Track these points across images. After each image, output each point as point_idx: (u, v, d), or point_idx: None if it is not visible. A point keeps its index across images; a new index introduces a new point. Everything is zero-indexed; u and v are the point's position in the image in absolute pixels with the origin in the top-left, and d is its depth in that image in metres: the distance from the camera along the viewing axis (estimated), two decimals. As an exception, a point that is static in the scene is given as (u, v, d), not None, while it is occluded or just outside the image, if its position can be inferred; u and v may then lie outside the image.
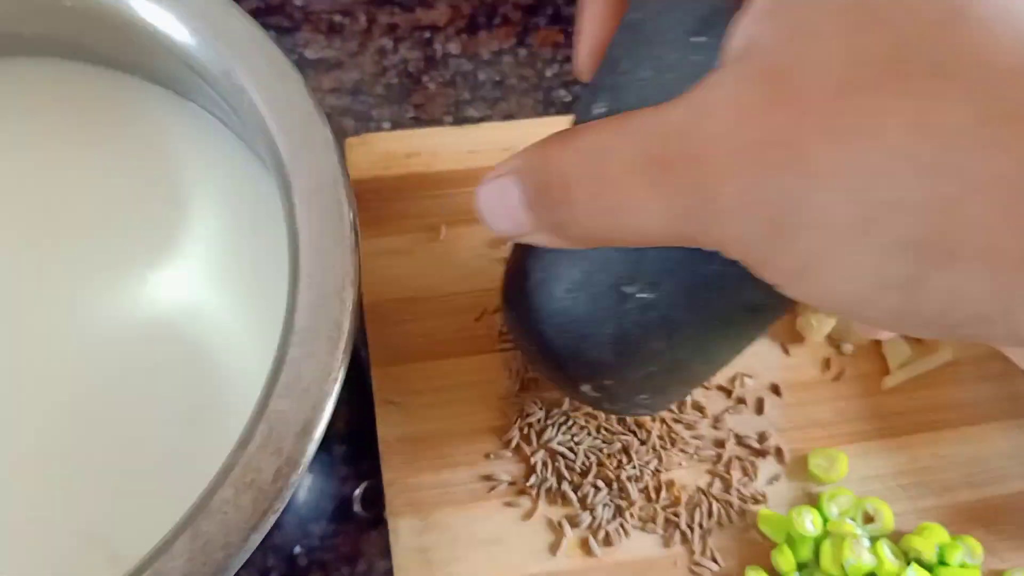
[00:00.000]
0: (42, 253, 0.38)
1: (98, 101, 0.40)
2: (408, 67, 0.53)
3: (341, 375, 0.30)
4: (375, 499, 0.41)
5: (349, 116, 0.50)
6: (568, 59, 0.53)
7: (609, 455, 0.41)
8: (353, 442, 0.43)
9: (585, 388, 0.34)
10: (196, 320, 0.37)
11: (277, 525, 0.28)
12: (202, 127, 0.40)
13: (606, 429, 0.42)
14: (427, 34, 0.53)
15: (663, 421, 0.42)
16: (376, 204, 0.46)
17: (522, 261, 0.34)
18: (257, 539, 0.28)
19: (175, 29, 0.34)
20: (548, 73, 0.53)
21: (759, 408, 0.43)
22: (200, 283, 0.38)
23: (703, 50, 0.25)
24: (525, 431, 0.41)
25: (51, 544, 0.34)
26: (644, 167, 0.21)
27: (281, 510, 0.28)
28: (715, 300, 0.29)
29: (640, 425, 0.42)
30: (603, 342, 0.32)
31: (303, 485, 0.42)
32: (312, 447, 0.29)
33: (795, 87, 0.18)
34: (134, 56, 0.39)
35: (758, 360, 0.44)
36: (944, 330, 0.19)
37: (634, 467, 0.41)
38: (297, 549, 0.41)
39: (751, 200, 0.19)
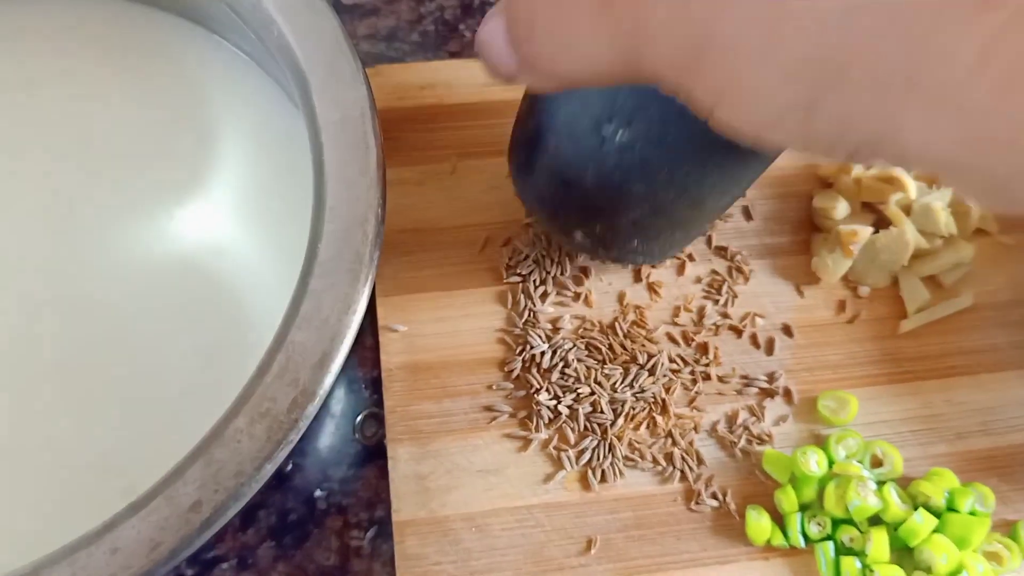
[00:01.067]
0: (73, 184, 0.38)
1: (130, 37, 0.40)
2: (444, 15, 0.52)
3: (362, 307, 0.30)
4: (377, 429, 0.41)
5: (384, 63, 0.50)
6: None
7: (612, 389, 0.41)
8: (358, 374, 0.43)
9: (578, 235, 0.37)
10: (220, 257, 0.37)
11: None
12: (232, 64, 0.40)
13: (610, 363, 0.41)
14: (462, -21, 0.53)
15: (670, 358, 0.42)
16: (390, 135, 0.45)
17: (522, 117, 0.36)
18: (270, 469, 0.27)
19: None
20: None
21: (769, 348, 0.42)
22: (225, 220, 0.38)
23: None
24: (527, 363, 0.41)
25: (67, 472, 0.34)
26: (593, 3, 0.21)
27: (295, 441, 0.28)
28: (686, 135, 0.30)
29: (648, 359, 0.41)
30: (587, 185, 0.34)
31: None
32: (329, 379, 0.28)
33: None
34: None
35: (770, 300, 0.43)
36: (844, 154, 0.20)
37: (637, 400, 0.40)
38: (289, 466, 0.41)
39: (673, 24, 0.20)
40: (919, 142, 0.18)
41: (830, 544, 0.38)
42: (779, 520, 0.39)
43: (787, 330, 0.43)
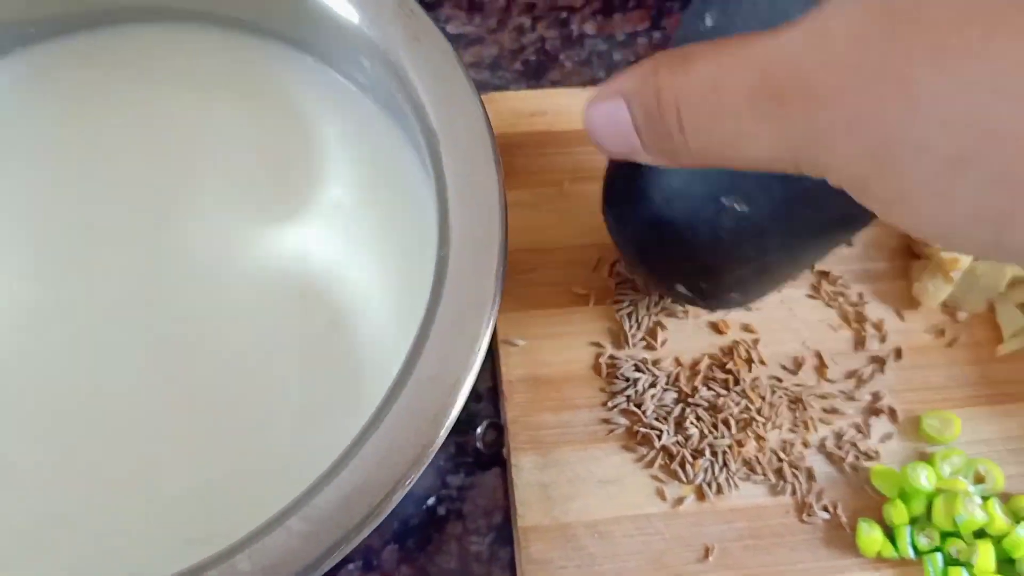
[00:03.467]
0: (193, 202, 0.40)
1: (248, 65, 0.42)
2: (545, 45, 0.54)
3: (486, 342, 0.31)
4: (496, 438, 0.43)
5: (488, 90, 0.52)
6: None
7: (717, 410, 0.42)
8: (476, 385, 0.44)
9: (680, 287, 0.38)
10: (339, 288, 0.38)
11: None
12: (343, 94, 0.42)
13: (714, 385, 0.43)
14: (564, 14, 0.55)
15: (776, 378, 0.43)
16: (503, 160, 0.47)
17: (623, 167, 0.36)
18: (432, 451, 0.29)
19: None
20: (681, 54, 0.54)
21: (880, 369, 0.44)
22: (343, 249, 0.39)
23: None
24: (630, 386, 0.43)
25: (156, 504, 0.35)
26: (758, 97, 0.21)
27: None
28: (807, 213, 0.31)
29: (752, 389, 0.43)
30: (698, 247, 0.34)
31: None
32: (453, 415, 0.30)
33: (910, 17, 0.18)
34: (277, 21, 0.41)
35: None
36: None
37: (745, 420, 0.42)
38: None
39: (857, 128, 0.19)
40: None
41: (939, 556, 0.40)
42: (888, 533, 0.41)
43: (898, 353, 0.44)
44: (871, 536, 0.40)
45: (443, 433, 0.30)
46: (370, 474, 0.29)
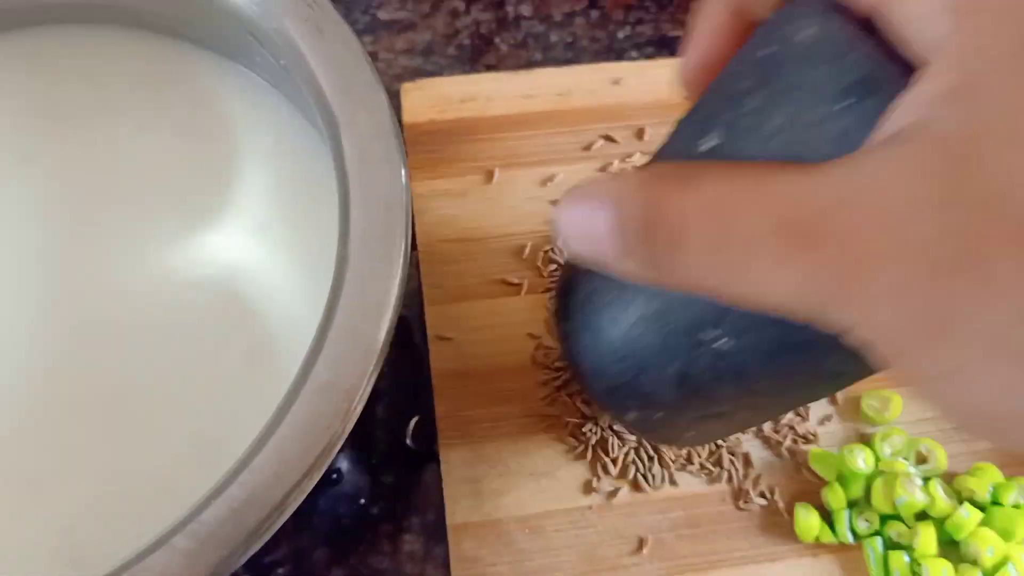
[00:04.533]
0: (103, 214, 0.39)
1: (156, 67, 0.41)
2: (480, 29, 0.53)
3: (392, 319, 0.31)
4: (428, 434, 0.42)
5: (422, 77, 0.51)
6: (640, 21, 0.54)
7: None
8: (407, 381, 0.44)
9: (631, 416, 0.33)
10: (249, 281, 0.38)
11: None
12: (253, 91, 0.41)
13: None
14: (499, -4, 0.54)
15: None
16: (431, 147, 0.47)
17: (584, 276, 0.32)
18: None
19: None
20: (620, 35, 0.53)
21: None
22: (253, 243, 0.39)
23: (850, 116, 0.22)
24: (564, 377, 0.42)
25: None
26: (783, 235, 0.19)
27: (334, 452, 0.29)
28: (800, 363, 0.27)
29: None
30: (664, 380, 0.30)
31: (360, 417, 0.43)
32: (367, 391, 0.30)
33: (984, 191, 0.17)
34: (183, 20, 0.40)
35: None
36: None
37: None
38: (338, 473, 0.42)
39: (910, 296, 0.18)
40: None
41: (878, 540, 0.39)
42: (827, 517, 0.40)
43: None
44: (808, 521, 0.39)
45: (338, 442, 0.29)
46: (259, 487, 0.28)
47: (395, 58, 0.52)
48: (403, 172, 0.33)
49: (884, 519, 0.39)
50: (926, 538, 0.38)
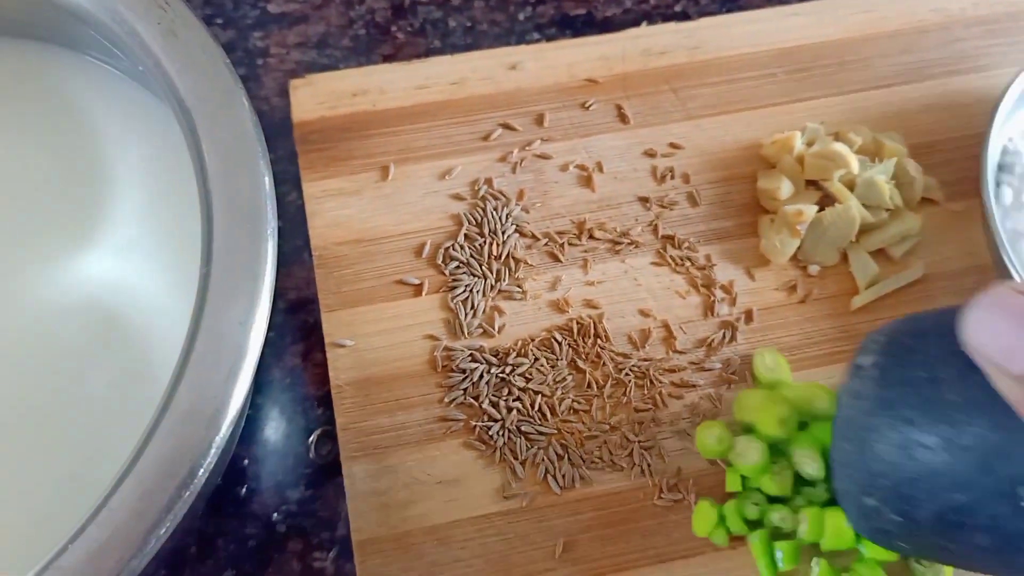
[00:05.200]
0: None
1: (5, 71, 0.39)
2: (375, 17, 0.51)
3: (262, 323, 0.29)
4: (333, 446, 0.41)
5: (316, 71, 0.48)
6: (540, 1, 0.52)
7: (559, 393, 0.40)
8: (310, 391, 0.42)
9: (903, 545, 0.32)
10: (122, 293, 0.36)
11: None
12: (112, 84, 0.39)
13: (557, 367, 0.41)
14: (393, -19, 0.52)
15: (621, 355, 0.41)
16: (322, 145, 0.44)
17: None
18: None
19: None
20: (520, 16, 0.51)
21: (731, 335, 0.42)
22: (123, 255, 0.37)
23: None
24: (468, 374, 0.40)
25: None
26: None
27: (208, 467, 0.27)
28: None
29: (597, 369, 0.41)
30: (958, 536, 0.28)
31: (263, 433, 0.41)
32: (240, 391, 0.28)
33: None
34: (26, 18, 0.38)
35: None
36: None
37: (589, 403, 0.40)
38: (244, 491, 0.40)
39: None
40: None
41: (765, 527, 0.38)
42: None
43: (748, 315, 0.42)
44: (705, 515, 0.38)
45: (202, 473, 0.27)
46: (119, 527, 0.26)
47: (287, 52, 0.50)
48: (267, 180, 0.31)
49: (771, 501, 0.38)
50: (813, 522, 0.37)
